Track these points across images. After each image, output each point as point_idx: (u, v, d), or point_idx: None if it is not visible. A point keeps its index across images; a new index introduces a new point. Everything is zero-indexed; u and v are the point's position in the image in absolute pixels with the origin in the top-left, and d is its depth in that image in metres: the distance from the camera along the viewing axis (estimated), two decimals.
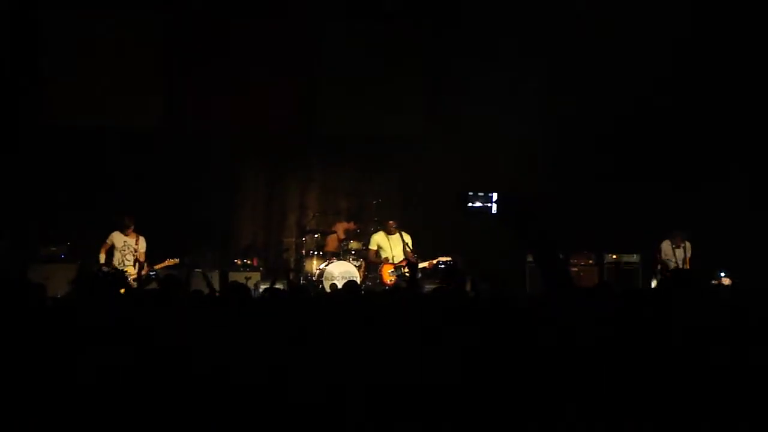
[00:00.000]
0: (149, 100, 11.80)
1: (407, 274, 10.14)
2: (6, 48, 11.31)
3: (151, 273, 9.56)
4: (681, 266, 9.83)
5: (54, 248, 10.46)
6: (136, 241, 9.76)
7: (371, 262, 10.57)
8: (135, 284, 9.07)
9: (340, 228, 11.39)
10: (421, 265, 10.36)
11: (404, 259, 10.32)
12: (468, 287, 6.63)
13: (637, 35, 11.04)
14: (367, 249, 10.67)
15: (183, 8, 11.92)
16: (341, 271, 10.41)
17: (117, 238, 9.74)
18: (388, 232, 10.51)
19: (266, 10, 12.01)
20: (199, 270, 10.10)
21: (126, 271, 9.09)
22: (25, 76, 11.49)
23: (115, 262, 9.58)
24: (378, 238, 10.56)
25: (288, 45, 12.11)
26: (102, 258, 9.70)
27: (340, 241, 11.08)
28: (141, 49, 11.77)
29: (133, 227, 9.75)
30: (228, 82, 11.95)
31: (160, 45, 11.93)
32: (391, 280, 10.25)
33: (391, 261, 10.43)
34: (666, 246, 10.30)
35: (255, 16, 12.02)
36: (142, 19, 11.85)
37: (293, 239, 12.15)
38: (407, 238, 10.50)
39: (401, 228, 10.63)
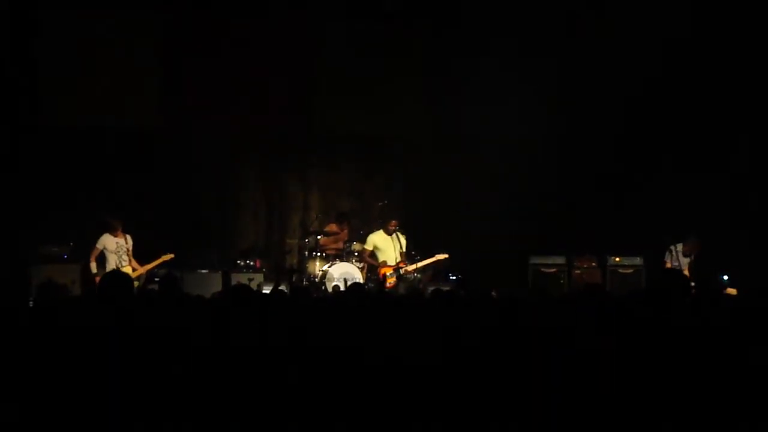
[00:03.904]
0: (149, 100, 11.78)
1: (410, 277, 10.13)
2: (5, 47, 11.27)
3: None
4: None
5: (55, 248, 10.39)
6: (126, 240, 9.53)
7: (365, 262, 10.47)
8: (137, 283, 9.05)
9: (333, 228, 11.31)
10: (412, 267, 10.30)
11: (401, 261, 10.24)
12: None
13: (638, 35, 11.02)
14: (363, 248, 10.52)
15: (182, 8, 11.91)
16: (343, 273, 10.36)
17: (109, 241, 9.44)
18: (387, 233, 10.38)
19: (266, 9, 11.98)
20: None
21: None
22: (25, 76, 11.46)
23: (113, 264, 9.34)
24: (375, 239, 10.40)
25: (288, 45, 12.09)
26: (94, 267, 9.43)
27: (344, 242, 11.02)
28: (140, 49, 11.76)
29: (121, 227, 9.51)
30: (228, 82, 11.95)
31: (159, 45, 11.92)
32: (390, 283, 10.18)
33: (388, 263, 10.32)
34: (679, 248, 9.87)
35: (254, 16, 12.00)
36: (142, 19, 11.84)
37: (296, 240, 12.14)
38: (403, 240, 10.38)
39: (402, 229, 10.56)
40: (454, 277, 10.40)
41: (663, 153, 11.41)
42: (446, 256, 10.30)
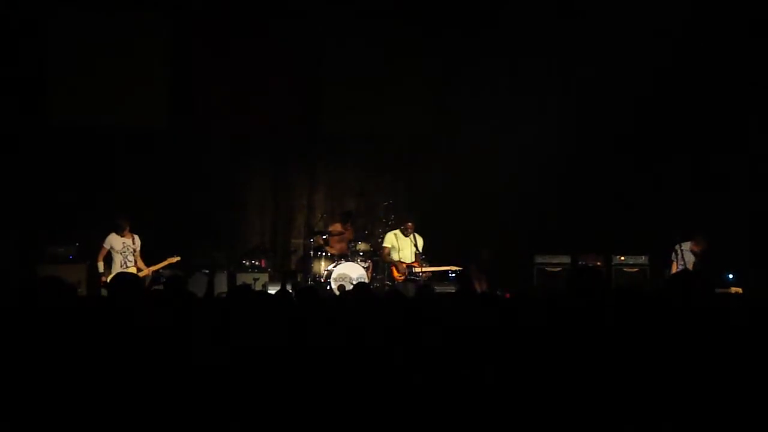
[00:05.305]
0: (157, 100, 11.83)
1: (419, 279, 10.16)
2: (14, 49, 11.34)
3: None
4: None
5: (62, 249, 10.44)
6: (133, 240, 9.53)
7: (385, 260, 10.48)
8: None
9: (337, 228, 11.34)
10: (428, 269, 10.34)
11: (414, 261, 10.28)
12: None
13: (646, 32, 10.99)
14: (382, 247, 10.56)
15: (188, 9, 11.95)
16: (349, 272, 10.39)
17: (115, 240, 9.45)
18: (404, 234, 10.44)
19: (272, 12, 12.02)
20: (206, 271, 10.15)
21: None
22: (32, 76, 11.52)
23: (118, 264, 9.38)
24: (392, 238, 10.46)
25: (294, 46, 12.13)
26: (101, 266, 9.44)
27: (348, 242, 11.05)
28: (149, 50, 11.81)
29: (128, 227, 9.52)
30: (234, 83, 11.99)
31: (167, 46, 11.97)
32: (400, 277, 10.23)
33: (400, 260, 10.37)
34: (686, 246, 9.66)
35: (260, 18, 12.04)
36: (150, 21, 11.90)
37: (301, 240, 12.17)
38: (419, 241, 10.43)
39: (418, 230, 10.58)
40: (453, 275, 10.42)
41: (668, 152, 11.38)
42: (461, 269, 10.35)
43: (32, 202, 11.05)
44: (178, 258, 9.63)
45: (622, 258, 10.97)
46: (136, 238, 9.58)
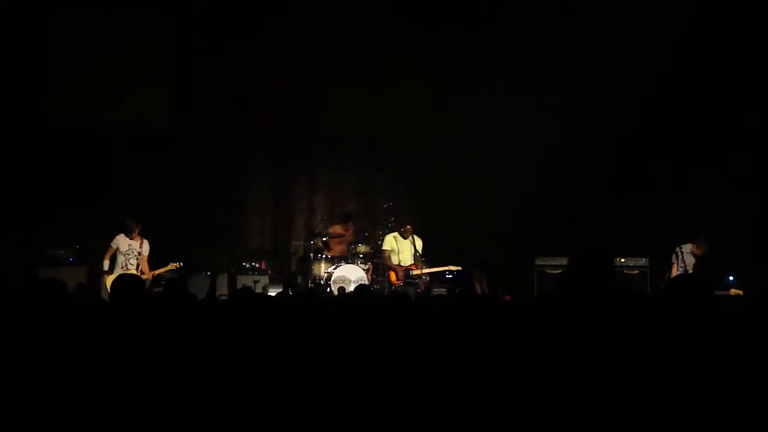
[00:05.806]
0: (157, 101, 11.83)
1: (416, 281, 10.15)
2: (14, 49, 11.33)
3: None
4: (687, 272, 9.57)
5: (62, 251, 10.44)
6: (141, 244, 9.55)
7: (385, 264, 10.47)
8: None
9: (337, 230, 11.32)
10: (427, 271, 10.34)
11: (414, 264, 10.27)
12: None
13: (646, 33, 10.98)
14: (382, 250, 10.52)
15: (188, 9, 11.95)
16: (349, 275, 10.38)
17: (122, 241, 9.49)
18: (403, 236, 10.41)
19: (272, 13, 12.02)
20: (208, 273, 10.16)
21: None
22: (33, 77, 11.52)
23: (119, 265, 9.41)
24: (390, 240, 10.44)
25: (294, 45, 12.13)
26: (106, 265, 9.48)
27: (349, 244, 11.04)
28: (149, 51, 11.82)
29: (138, 231, 9.55)
30: (235, 84, 11.99)
31: (167, 46, 11.97)
32: (398, 282, 10.21)
33: (402, 264, 10.36)
34: (686, 249, 9.64)
35: (260, 19, 12.04)
36: (148, 20, 11.91)
37: (302, 242, 12.16)
38: (419, 243, 10.41)
39: (417, 232, 10.57)
40: (450, 276, 10.41)
41: (669, 153, 11.37)
42: (459, 268, 10.32)
43: (32, 202, 11.04)
44: (180, 264, 9.64)
45: (623, 260, 10.93)
46: (145, 242, 9.60)
